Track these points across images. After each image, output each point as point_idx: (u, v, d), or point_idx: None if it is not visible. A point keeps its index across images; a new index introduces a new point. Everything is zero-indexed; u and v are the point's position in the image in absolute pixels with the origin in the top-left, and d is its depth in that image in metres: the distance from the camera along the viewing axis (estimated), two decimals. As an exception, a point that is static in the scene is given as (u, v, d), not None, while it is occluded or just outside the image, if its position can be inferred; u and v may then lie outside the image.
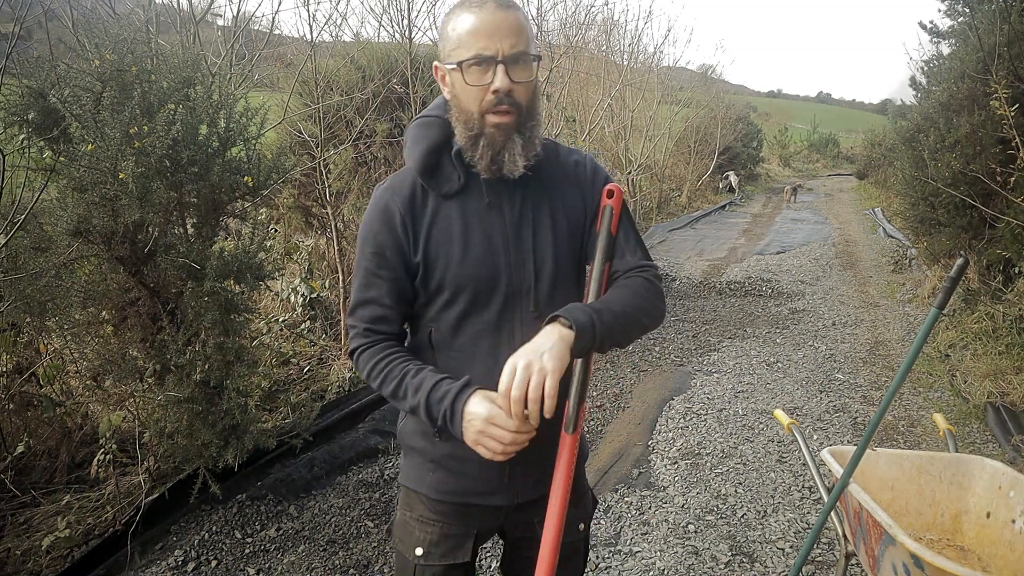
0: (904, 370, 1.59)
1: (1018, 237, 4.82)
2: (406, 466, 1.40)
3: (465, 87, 1.16)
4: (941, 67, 8.32)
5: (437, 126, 1.25)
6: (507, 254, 1.24)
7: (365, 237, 1.26)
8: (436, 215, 1.23)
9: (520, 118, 1.19)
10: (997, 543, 1.93)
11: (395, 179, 1.28)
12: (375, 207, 1.25)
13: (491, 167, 1.20)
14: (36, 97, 2.68)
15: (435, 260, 1.22)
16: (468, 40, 1.14)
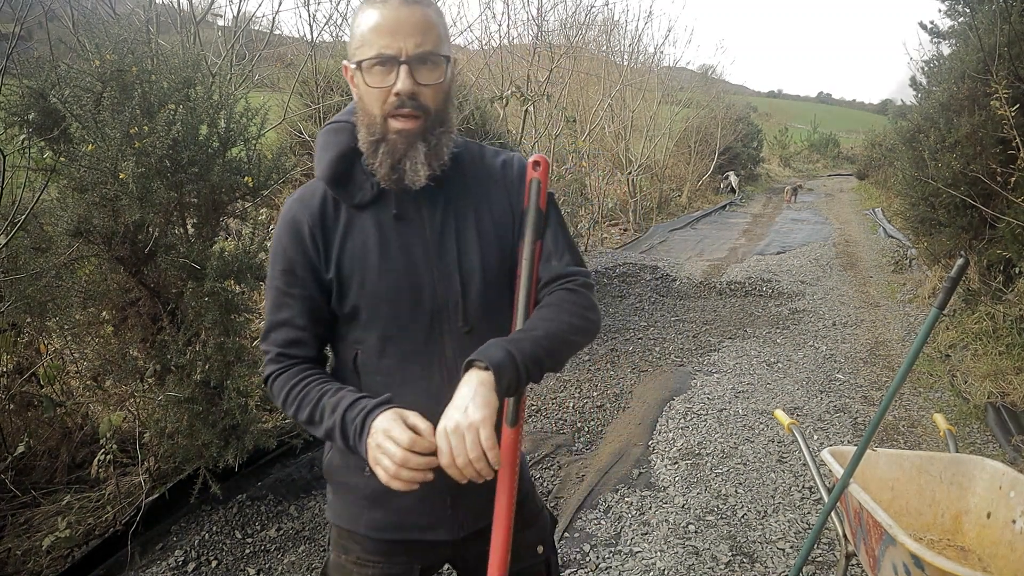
0: (904, 370, 1.59)
1: (1018, 237, 4.82)
2: (336, 504, 1.28)
3: (367, 88, 1.08)
4: (941, 67, 8.32)
5: (347, 131, 1.16)
6: (429, 267, 1.15)
7: (274, 254, 1.16)
8: (349, 228, 1.15)
9: (427, 123, 1.10)
10: (997, 543, 1.93)
11: (304, 190, 1.19)
12: (283, 221, 1.16)
13: (391, 176, 1.11)
14: (36, 97, 2.69)
15: (349, 276, 1.14)
16: (370, 38, 1.06)
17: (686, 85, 16.01)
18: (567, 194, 7.69)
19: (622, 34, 11.39)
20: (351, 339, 1.19)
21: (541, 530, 1.34)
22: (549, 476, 3.42)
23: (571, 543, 2.85)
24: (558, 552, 2.65)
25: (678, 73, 15.15)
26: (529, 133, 7.70)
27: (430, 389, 1.16)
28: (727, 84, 22.29)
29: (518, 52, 7.99)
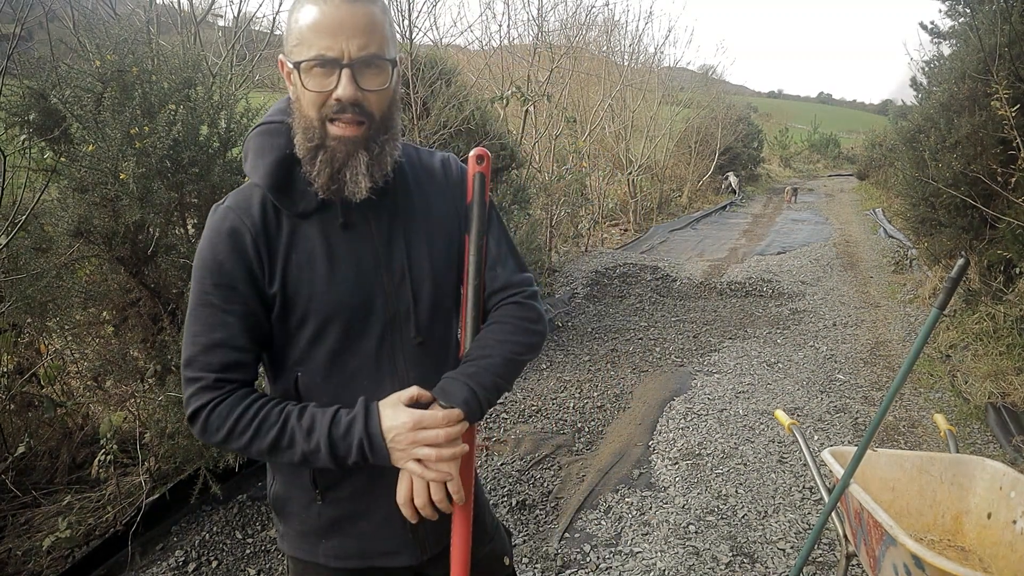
0: (905, 370, 1.59)
1: (1019, 238, 4.82)
2: (290, 535, 1.19)
3: (305, 91, 1.00)
4: (942, 67, 8.33)
5: (283, 134, 1.07)
6: (379, 277, 1.09)
7: (207, 268, 1.04)
8: (293, 238, 1.06)
9: (370, 131, 1.02)
10: (998, 544, 1.92)
11: (237, 197, 1.08)
12: (217, 231, 1.04)
13: (329, 186, 1.03)
14: (37, 98, 2.69)
15: (296, 290, 1.05)
16: (309, 37, 0.97)
17: (686, 85, 16.01)
18: (567, 194, 7.69)
19: (622, 34, 11.40)
20: (291, 362, 1.10)
21: (503, 543, 1.34)
22: (550, 476, 3.42)
23: (571, 543, 2.85)
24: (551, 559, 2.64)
25: (678, 73, 15.15)
26: (529, 133, 7.70)
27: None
28: (727, 84, 22.29)
29: (518, 52, 7.99)
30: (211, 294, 1.04)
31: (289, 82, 1.05)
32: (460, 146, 5.19)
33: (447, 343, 1.20)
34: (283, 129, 1.07)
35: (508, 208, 5.58)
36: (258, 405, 1.04)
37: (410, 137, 4.96)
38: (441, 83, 5.20)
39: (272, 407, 1.04)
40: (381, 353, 1.10)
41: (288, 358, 1.10)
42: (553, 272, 7.53)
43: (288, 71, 1.03)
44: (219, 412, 1.03)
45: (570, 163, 7.93)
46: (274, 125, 1.09)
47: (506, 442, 3.78)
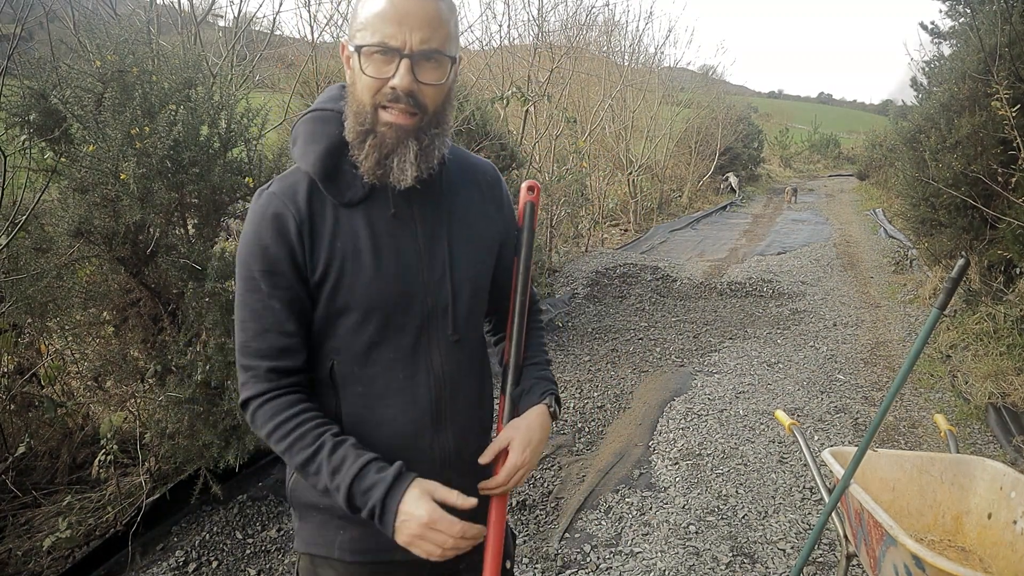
0: (905, 371, 1.58)
1: (1019, 238, 4.82)
2: (305, 531, 1.18)
3: (362, 75, 1.01)
4: (942, 68, 8.32)
5: (334, 121, 1.08)
6: (421, 270, 1.10)
7: (252, 253, 1.04)
8: (338, 226, 1.06)
9: (422, 123, 1.03)
10: (998, 544, 1.92)
11: (282, 183, 1.08)
12: (262, 216, 1.04)
13: (375, 171, 1.04)
14: (37, 98, 2.69)
15: (340, 278, 1.05)
16: (375, 23, 0.98)
17: (687, 86, 16.02)
18: (568, 194, 7.69)
19: (623, 35, 11.41)
20: (327, 349, 1.10)
21: (508, 546, 1.34)
22: (550, 476, 3.42)
23: (572, 543, 2.85)
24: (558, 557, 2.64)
25: (679, 73, 15.16)
26: (530, 133, 7.70)
27: (416, 399, 1.12)
28: (728, 84, 22.29)
29: (519, 52, 7.99)
30: (258, 279, 1.04)
31: (348, 66, 1.05)
32: (460, 146, 5.19)
33: (479, 345, 1.24)
34: (334, 117, 1.08)
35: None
36: (300, 419, 1.04)
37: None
38: (441, 83, 5.20)
39: (312, 428, 1.04)
40: (418, 347, 1.12)
41: (326, 345, 1.10)
42: (553, 272, 7.53)
43: (348, 55, 1.04)
44: (264, 412, 1.05)
45: (570, 163, 7.93)
46: (326, 112, 1.09)
47: (506, 442, 3.78)
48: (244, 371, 1.07)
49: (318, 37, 4.56)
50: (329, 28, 5.71)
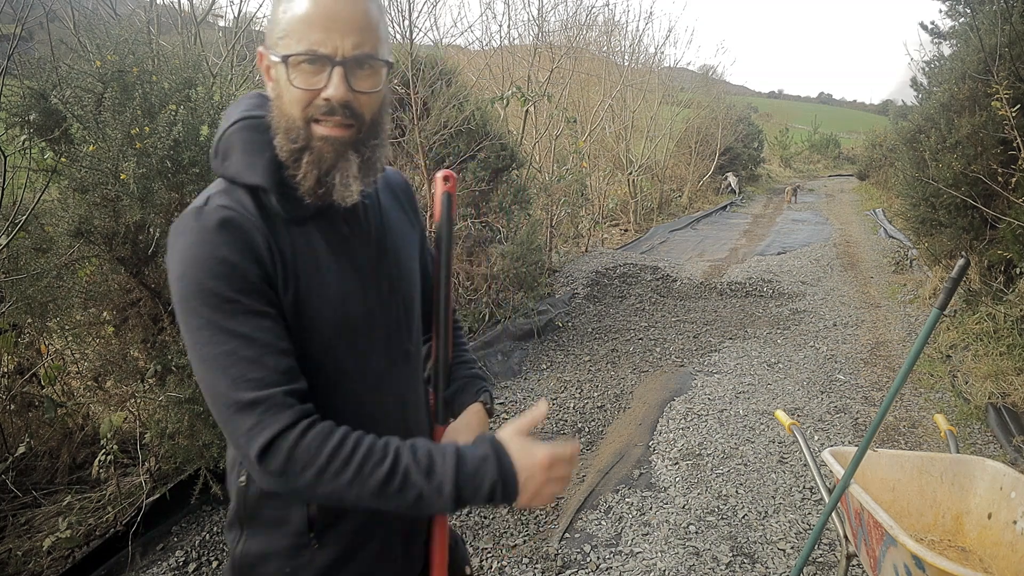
0: (905, 371, 1.58)
1: (1019, 238, 4.82)
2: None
3: (290, 87, 0.92)
4: (942, 68, 8.33)
5: (270, 130, 0.98)
6: (375, 287, 1.04)
7: (213, 274, 0.87)
8: (294, 243, 0.96)
9: (359, 134, 0.95)
10: (998, 544, 1.92)
11: (226, 196, 0.94)
12: (215, 230, 0.89)
13: (317, 190, 0.94)
14: (37, 98, 2.69)
15: (307, 299, 0.95)
16: (299, 29, 0.89)
17: (687, 86, 16.03)
18: (568, 194, 7.70)
19: (623, 35, 11.40)
20: None
21: (463, 552, 1.32)
22: (550, 477, 3.42)
23: (572, 543, 2.85)
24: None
25: (679, 74, 15.17)
26: (529, 133, 7.71)
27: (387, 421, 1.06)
28: (728, 85, 22.29)
29: (519, 52, 7.99)
30: (233, 300, 0.88)
31: (268, 77, 0.96)
32: (460, 146, 5.20)
33: (420, 351, 1.20)
34: (269, 126, 0.98)
35: (508, 208, 5.59)
36: (355, 438, 0.90)
37: (410, 137, 4.96)
38: (441, 83, 5.21)
39: (372, 439, 0.91)
40: (382, 363, 1.05)
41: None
42: (553, 272, 7.53)
43: (269, 65, 0.95)
44: (308, 444, 0.86)
45: (570, 163, 7.93)
46: (260, 121, 0.98)
47: (506, 442, 3.78)
48: (250, 411, 0.86)
49: (318, 37, 4.57)
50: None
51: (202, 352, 0.87)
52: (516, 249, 5.40)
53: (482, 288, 5.49)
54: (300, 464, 0.86)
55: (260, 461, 0.85)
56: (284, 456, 0.85)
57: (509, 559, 2.75)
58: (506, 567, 2.70)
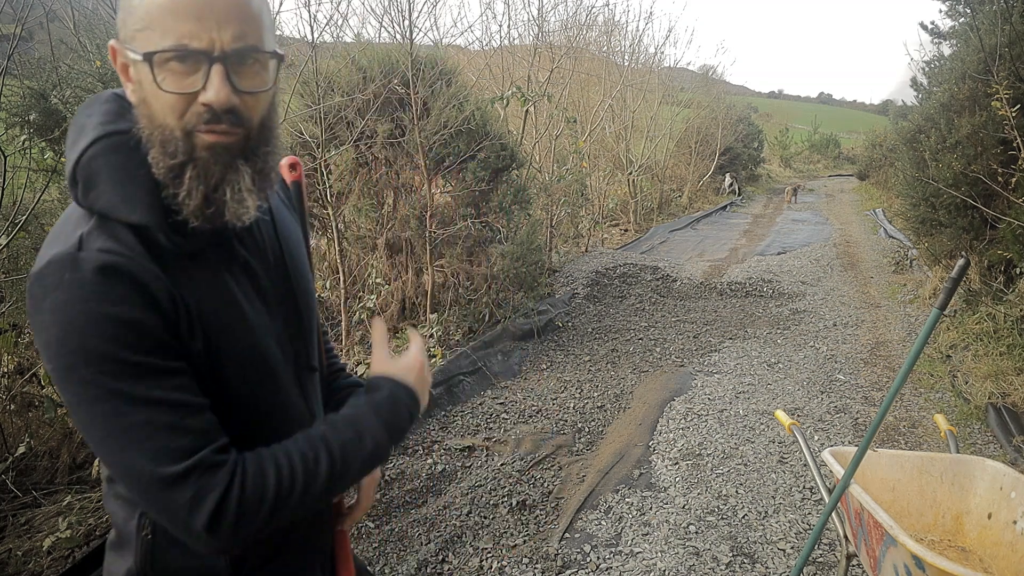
0: (905, 371, 1.58)
1: (1019, 238, 4.82)
2: None
3: (158, 92, 0.76)
4: (942, 68, 8.34)
5: (143, 150, 0.80)
6: (283, 307, 0.95)
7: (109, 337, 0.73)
8: (195, 280, 0.82)
9: (249, 140, 0.81)
10: (998, 544, 1.92)
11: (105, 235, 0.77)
12: (104, 282, 0.74)
13: (204, 210, 0.80)
14: (37, 98, 2.69)
15: (219, 342, 0.83)
16: (163, 20, 0.73)
17: (687, 86, 16.05)
18: (568, 194, 7.70)
19: (623, 35, 11.41)
20: None
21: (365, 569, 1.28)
22: (550, 476, 3.42)
23: (572, 543, 2.85)
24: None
25: (679, 74, 15.17)
26: (529, 133, 7.71)
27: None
28: (728, 84, 22.30)
29: (519, 52, 7.99)
30: (139, 362, 0.75)
31: (127, 78, 0.80)
32: (460, 146, 5.20)
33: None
34: (135, 142, 0.80)
35: (508, 208, 5.59)
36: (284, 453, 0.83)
37: (410, 137, 4.97)
38: (441, 83, 5.21)
39: (298, 445, 0.85)
40: (296, 388, 0.97)
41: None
42: (553, 272, 7.53)
43: (127, 63, 0.78)
44: (251, 490, 0.78)
45: (570, 163, 7.93)
46: (127, 136, 0.80)
47: (506, 442, 3.78)
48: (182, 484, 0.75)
49: (318, 37, 4.56)
50: (329, 28, 5.72)
51: (107, 427, 0.74)
52: (516, 249, 5.40)
53: (482, 288, 5.49)
54: (252, 511, 0.78)
55: (210, 531, 0.76)
56: (234, 516, 0.77)
57: (509, 559, 2.75)
58: (506, 567, 2.70)
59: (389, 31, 6.97)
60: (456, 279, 5.46)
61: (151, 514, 0.81)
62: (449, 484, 3.32)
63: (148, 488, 0.75)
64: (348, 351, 4.72)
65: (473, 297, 5.49)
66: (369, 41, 5.68)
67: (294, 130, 4.90)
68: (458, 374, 4.48)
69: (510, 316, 5.50)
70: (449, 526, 2.95)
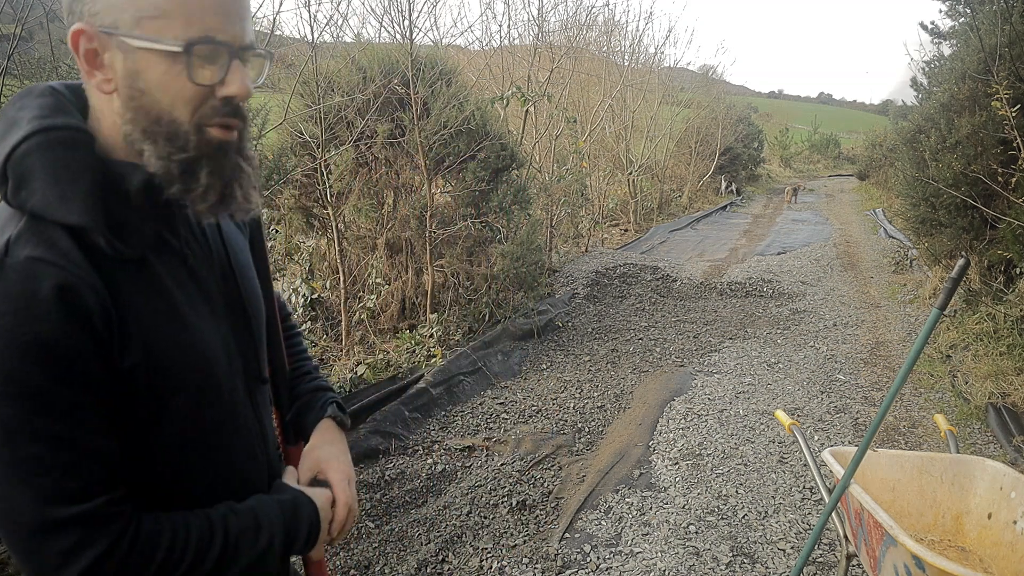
0: (905, 371, 1.58)
1: (1019, 238, 4.82)
2: None
3: (178, 83, 0.74)
4: (942, 68, 8.34)
5: (87, 146, 0.76)
6: (231, 315, 0.91)
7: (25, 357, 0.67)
8: (135, 289, 0.77)
9: (242, 138, 0.82)
10: (998, 544, 1.92)
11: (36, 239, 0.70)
12: (30, 297, 0.67)
13: (219, 208, 0.80)
14: (37, 98, 2.68)
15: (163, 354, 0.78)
16: (188, 9, 0.72)
17: (687, 86, 16.06)
18: (568, 194, 7.70)
19: (623, 35, 11.41)
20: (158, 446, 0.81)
21: None
22: (550, 476, 3.42)
23: (572, 543, 2.85)
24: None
25: (679, 74, 15.18)
26: (530, 133, 7.71)
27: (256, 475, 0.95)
28: (728, 85, 22.30)
29: (519, 52, 8.00)
30: (49, 393, 0.68)
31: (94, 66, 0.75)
32: (460, 146, 5.20)
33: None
34: (85, 141, 0.76)
35: (508, 208, 5.59)
36: (173, 522, 0.78)
37: (410, 137, 4.97)
38: (441, 83, 5.21)
39: (189, 518, 0.80)
40: (245, 399, 0.92)
41: (153, 442, 0.80)
42: (553, 272, 7.53)
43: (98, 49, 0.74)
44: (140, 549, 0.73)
45: (570, 163, 7.93)
46: (72, 134, 0.75)
47: (506, 442, 3.79)
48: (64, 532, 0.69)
49: (318, 37, 4.56)
50: (329, 28, 5.72)
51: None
52: (516, 249, 5.40)
53: (482, 288, 5.49)
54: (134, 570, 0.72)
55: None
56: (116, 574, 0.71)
57: (509, 559, 2.75)
58: (506, 567, 2.70)
59: (389, 31, 6.97)
60: (456, 279, 5.46)
61: (15, 561, 0.71)
62: (449, 484, 3.32)
63: (21, 529, 0.69)
64: (348, 351, 4.72)
65: (473, 297, 5.49)
66: (369, 41, 5.69)
67: (294, 130, 4.90)
68: (458, 374, 4.48)
69: (510, 316, 5.50)
70: (449, 526, 2.95)
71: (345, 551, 2.79)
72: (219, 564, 0.79)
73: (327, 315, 5.20)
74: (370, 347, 4.88)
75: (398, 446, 3.65)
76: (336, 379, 4.22)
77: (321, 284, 5.30)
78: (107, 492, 0.72)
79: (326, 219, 5.21)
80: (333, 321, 5.14)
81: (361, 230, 5.48)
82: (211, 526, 0.80)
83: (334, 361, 4.59)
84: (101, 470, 0.72)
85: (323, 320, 5.12)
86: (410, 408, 3.97)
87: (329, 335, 5.00)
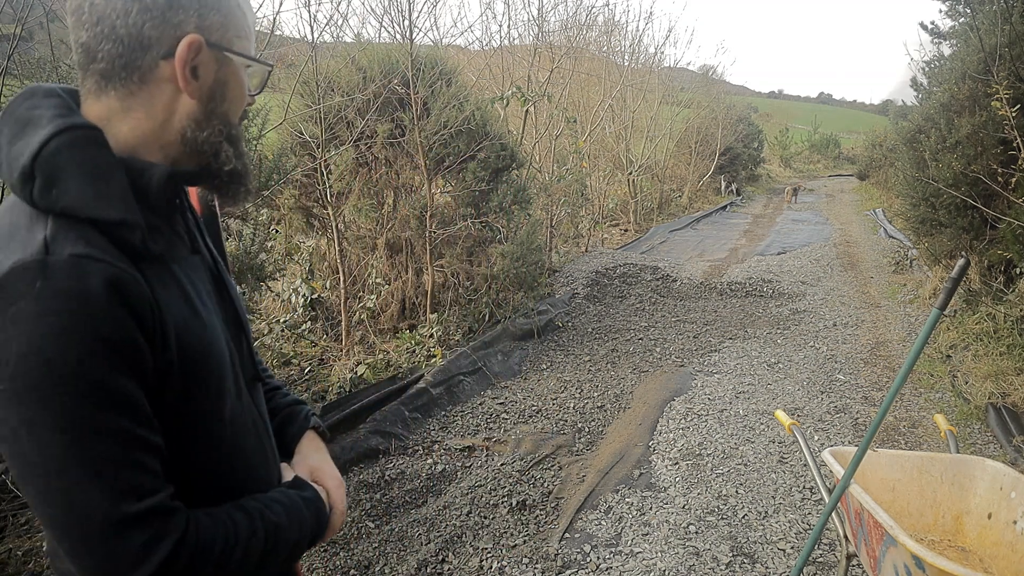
0: (905, 371, 1.58)
1: (1019, 238, 4.82)
2: None
3: (242, 93, 0.88)
4: (942, 68, 8.34)
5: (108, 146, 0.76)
6: (225, 311, 0.93)
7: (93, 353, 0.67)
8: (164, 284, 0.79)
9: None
10: (998, 544, 1.92)
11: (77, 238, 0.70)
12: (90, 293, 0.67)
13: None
14: (38, 98, 2.68)
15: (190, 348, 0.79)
16: (249, 32, 0.87)
17: (687, 86, 16.06)
18: (568, 194, 7.70)
19: (623, 35, 11.41)
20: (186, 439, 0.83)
21: None
22: (550, 476, 3.42)
23: (572, 544, 2.85)
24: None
25: (679, 74, 15.18)
26: (530, 133, 7.71)
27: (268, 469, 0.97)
28: (728, 84, 22.31)
29: (519, 52, 8.00)
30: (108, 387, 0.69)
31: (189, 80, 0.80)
32: (460, 146, 5.20)
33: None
34: (103, 138, 0.76)
35: (508, 208, 5.59)
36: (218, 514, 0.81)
37: (410, 137, 4.97)
38: (441, 83, 5.21)
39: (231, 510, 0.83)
40: (248, 398, 0.95)
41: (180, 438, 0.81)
42: (553, 272, 7.53)
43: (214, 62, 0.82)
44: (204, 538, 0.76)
45: (570, 163, 7.93)
46: (91, 132, 0.75)
47: (506, 442, 3.79)
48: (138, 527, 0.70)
49: (318, 37, 4.56)
50: (329, 28, 5.72)
51: (63, 458, 0.67)
52: (516, 249, 5.40)
53: (482, 288, 5.49)
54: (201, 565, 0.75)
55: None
56: (185, 566, 0.73)
57: (509, 559, 2.75)
58: (506, 567, 2.70)
59: (389, 31, 6.97)
60: (456, 279, 5.46)
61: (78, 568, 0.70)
62: (449, 484, 3.32)
63: (94, 529, 0.68)
64: (348, 351, 4.72)
65: (473, 297, 5.49)
66: (369, 41, 5.69)
67: (294, 130, 4.90)
68: (458, 374, 4.48)
69: (510, 316, 5.50)
70: (449, 526, 2.95)
71: (345, 551, 2.79)
72: (263, 557, 0.83)
73: (327, 315, 5.20)
74: (370, 347, 4.88)
75: (398, 446, 3.65)
76: (336, 379, 4.22)
77: (321, 284, 5.30)
78: (166, 486, 0.74)
79: (326, 219, 5.21)
80: (333, 321, 5.14)
81: (361, 230, 5.48)
82: (251, 520, 0.83)
83: (334, 361, 4.59)
84: (156, 462, 0.74)
85: (323, 320, 5.12)
86: (410, 408, 3.97)
87: (329, 335, 5.00)
